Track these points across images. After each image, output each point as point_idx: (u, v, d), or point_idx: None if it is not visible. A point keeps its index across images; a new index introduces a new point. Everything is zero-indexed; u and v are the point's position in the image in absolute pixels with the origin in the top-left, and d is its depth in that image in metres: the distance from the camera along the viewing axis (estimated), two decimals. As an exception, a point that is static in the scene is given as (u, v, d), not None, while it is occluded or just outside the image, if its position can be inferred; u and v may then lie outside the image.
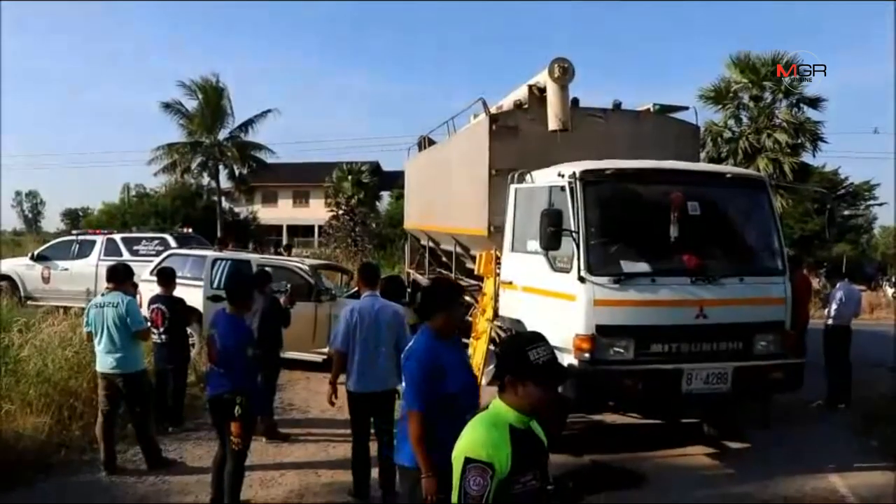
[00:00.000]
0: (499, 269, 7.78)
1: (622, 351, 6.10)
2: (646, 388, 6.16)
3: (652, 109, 8.97)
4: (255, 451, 6.01)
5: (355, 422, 5.65)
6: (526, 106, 8.34)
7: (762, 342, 6.48)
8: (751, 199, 7.03)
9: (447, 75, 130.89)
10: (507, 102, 9.16)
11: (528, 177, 7.32)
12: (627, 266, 6.30)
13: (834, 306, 9.22)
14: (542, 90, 7.87)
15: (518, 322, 7.16)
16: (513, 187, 7.47)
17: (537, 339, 2.51)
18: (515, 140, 7.99)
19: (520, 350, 2.45)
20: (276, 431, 7.29)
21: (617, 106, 8.72)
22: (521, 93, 8.63)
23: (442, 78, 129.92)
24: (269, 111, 32.49)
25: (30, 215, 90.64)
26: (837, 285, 9.59)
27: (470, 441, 2.40)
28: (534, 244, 6.69)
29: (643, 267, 6.32)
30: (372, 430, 5.62)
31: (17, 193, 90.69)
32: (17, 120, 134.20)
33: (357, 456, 5.66)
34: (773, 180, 14.74)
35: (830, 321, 9.25)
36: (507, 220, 7.54)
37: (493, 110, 8.75)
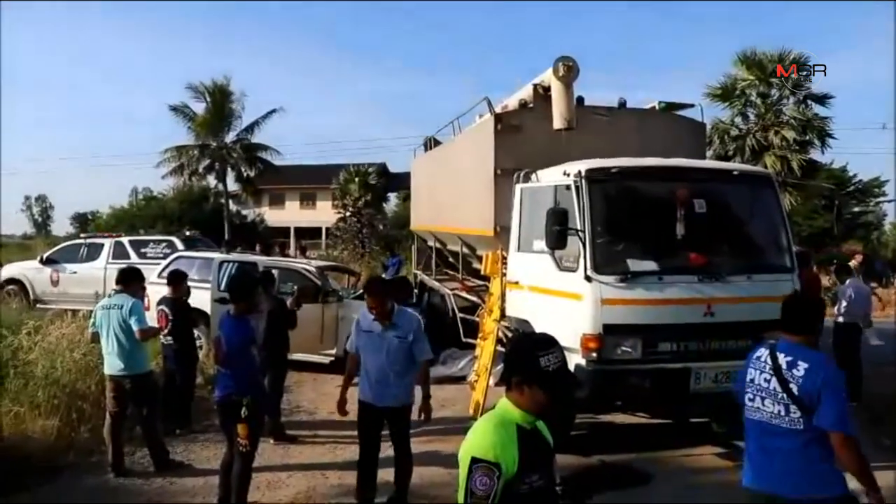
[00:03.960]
0: (505, 269, 7.76)
1: (630, 350, 6.07)
2: (654, 388, 6.14)
3: (657, 107, 8.94)
4: (262, 452, 6.00)
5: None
6: (531, 105, 8.31)
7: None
8: (758, 195, 6.99)
9: (454, 74, 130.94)
10: (512, 102, 9.13)
11: (533, 176, 7.30)
12: (634, 265, 6.27)
13: (843, 303, 9.17)
14: (547, 89, 7.84)
15: (525, 322, 7.14)
16: (518, 187, 7.44)
17: (550, 343, 2.46)
18: (520, 139, 7.95)
19: (531, 353, 2.41)
20: (284, 433, 7.29)
21: (622, 104, 8.69)
22: (526, 92, 8.61)
23: (449, 77, 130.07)
24: (273, 111, 32.63)
25: (39, 219, 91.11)
26: (847, 282, 9.53)
27: (477, 441, 2.38)
28: (540, 244, 6.66)
29: (650, 265, 6.30)
30: (385, 432, 5.57)
31: (27, 198, 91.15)
32: (25, 124, 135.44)
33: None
34: (781, 177, 14.67)
35: (840, 318, 9.20)
36: (513, 220, 7.51)
37: (497, 110, 8.72)
